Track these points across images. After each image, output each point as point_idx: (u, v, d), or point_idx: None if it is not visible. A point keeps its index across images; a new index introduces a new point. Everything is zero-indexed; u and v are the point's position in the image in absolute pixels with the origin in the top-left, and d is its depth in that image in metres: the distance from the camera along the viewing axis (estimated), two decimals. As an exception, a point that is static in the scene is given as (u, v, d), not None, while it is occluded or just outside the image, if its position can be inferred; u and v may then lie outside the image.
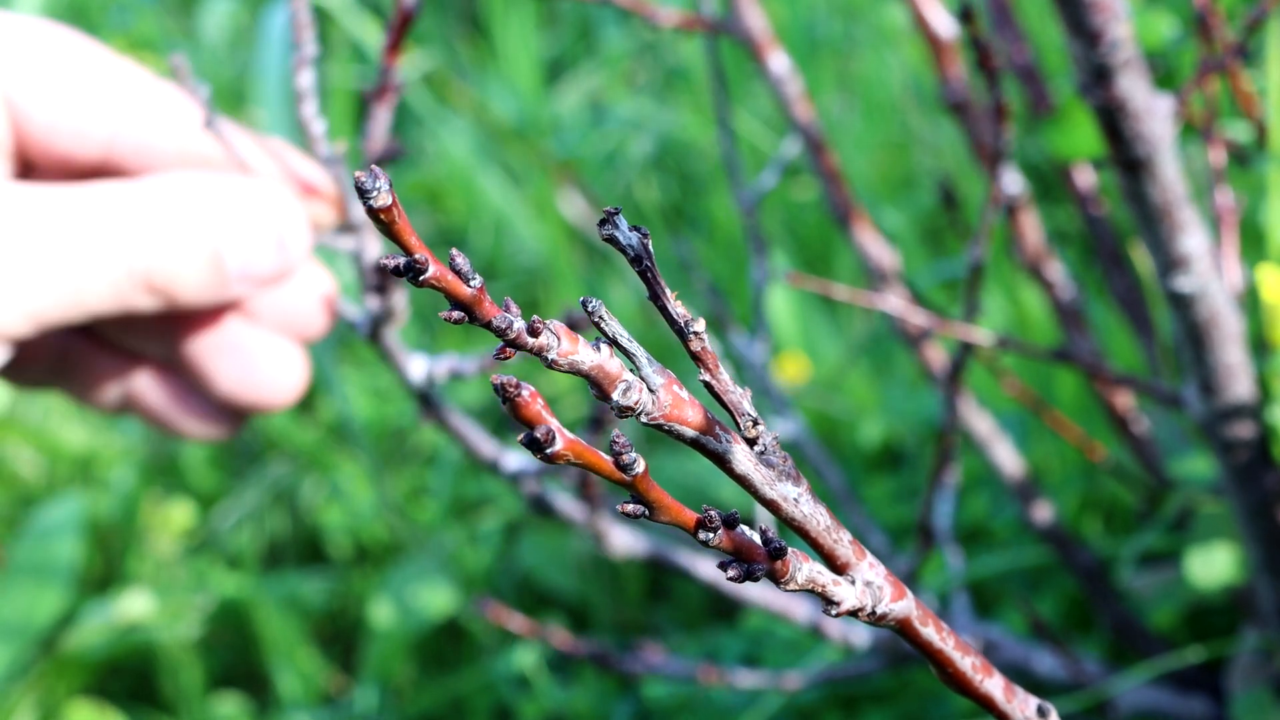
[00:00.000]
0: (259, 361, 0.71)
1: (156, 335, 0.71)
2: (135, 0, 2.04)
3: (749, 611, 1.16)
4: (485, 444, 0.77)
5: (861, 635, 0.95)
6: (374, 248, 0.69)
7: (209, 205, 0.66)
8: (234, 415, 0.74)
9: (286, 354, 0.71)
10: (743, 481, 0.41)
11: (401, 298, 0.69)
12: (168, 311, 0.67)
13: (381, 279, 0.68)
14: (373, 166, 0.37)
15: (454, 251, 0.37)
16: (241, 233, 0.66)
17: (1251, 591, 0.88)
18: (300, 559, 1.45)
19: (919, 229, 1.57)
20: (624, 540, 0.84)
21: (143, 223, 0.64)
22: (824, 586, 0.42)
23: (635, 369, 0.39)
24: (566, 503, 0.81)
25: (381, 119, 0.68)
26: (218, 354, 0.71)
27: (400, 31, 0.66)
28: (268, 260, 0.67)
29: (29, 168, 0.69)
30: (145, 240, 0.64)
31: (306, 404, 1.52)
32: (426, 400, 0.74)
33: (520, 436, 0.37)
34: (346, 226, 0.69)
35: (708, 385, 0.40)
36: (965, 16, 0.76)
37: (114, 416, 0.98)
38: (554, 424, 0.38)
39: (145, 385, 0.73)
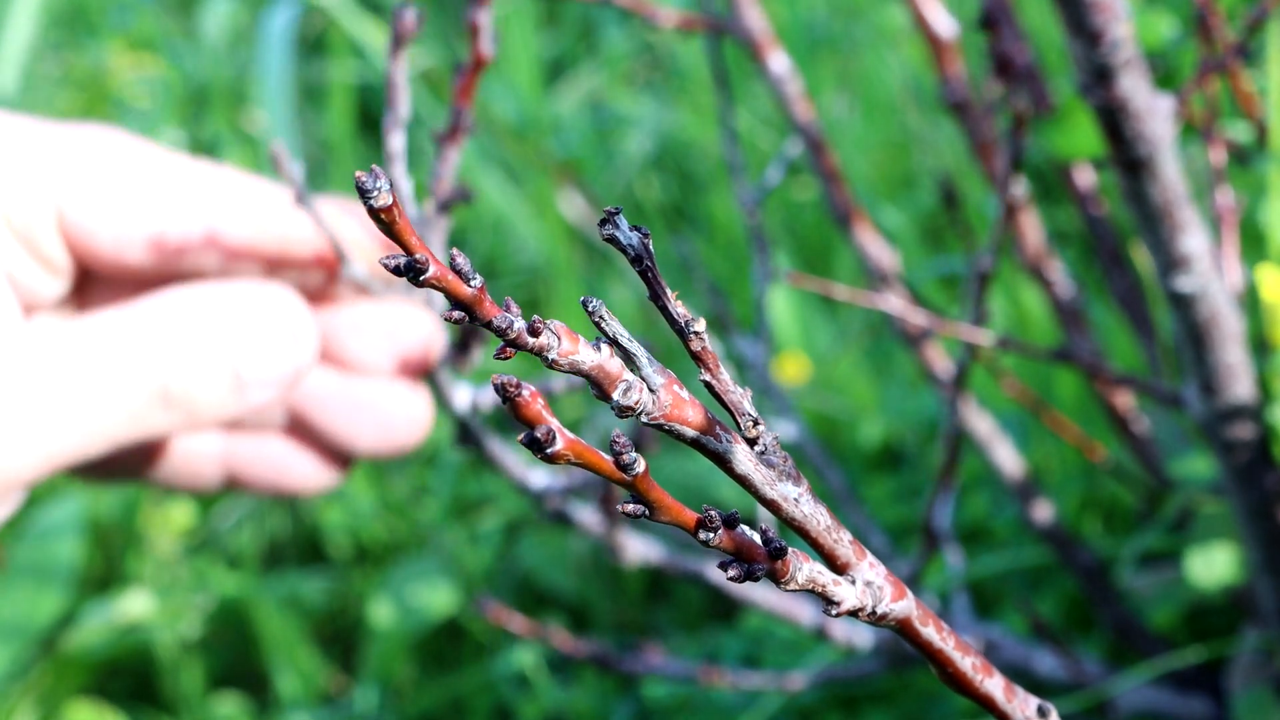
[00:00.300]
0: (390, 410, 0.71)
1: (278, 409, 0.71)
2: (135, 0, 2.04)
3: (749, 612, 1.16)
4: (515, 464, 0.77)
5: (865, 637, 0.95)
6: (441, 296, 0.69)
7: (217, 317, 0.65)
8: (347, 460, 0.74)
9: (410, 395, 0.71)
10: (743, 481, 0.41)
11: (477, 351, 0.70)
12: (187, 429, 0.66)
13: (466, 339, 0.69)
14: (374, 166, 0.37)
15: (454, 251, 0.37)
16: (253, 339, 0.65)
17: (1251, 591, 0.88)
18: (300, 559, 1.45)
19: (919, 229, 1.57)
20: (639, 550, 0.86)
21: (155, 346, 0.63)
22: (824, 586, 0.42)
23: (636, 369, 0.39)
24: (587, 515, 0.82)
25: (451, 159, 0.67)
26: (349, 414, 0.71)
27: (473, 76, 0.65)
28: (284, 363, 0.66)
29: (91, 277, 0.68)
30: (160, 363, 0.63)
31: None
32: (465, 428, 0.74)
33: (521, 436, 0.37)
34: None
35: (708, 385, 0.40)
36: (988, 24, 0.76)
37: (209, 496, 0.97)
38: (554, 424, 0.38)
39: (250, 457, 0.73)
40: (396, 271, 0.37)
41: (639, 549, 0.86)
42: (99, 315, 0.64)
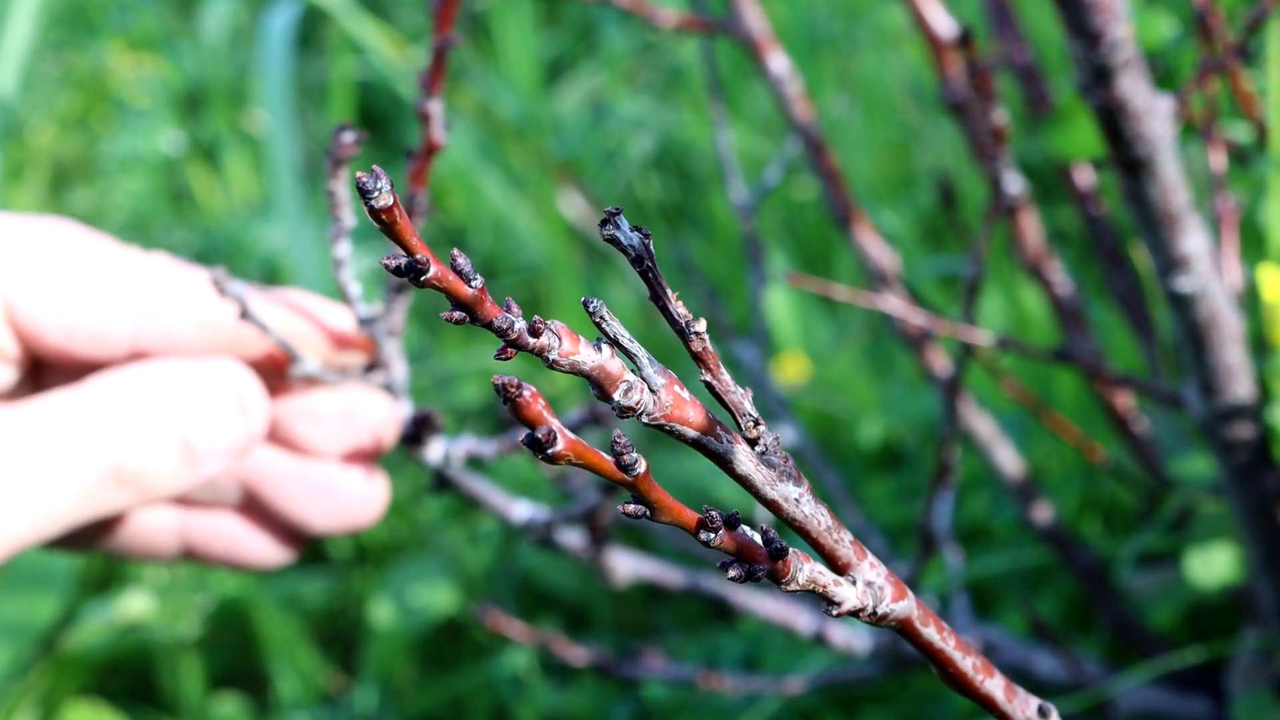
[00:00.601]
0: (344, 491, 0.71)
1: (233, 487, 0.71)
2: (135, 0, 2.04)
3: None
4: (496, 498, 0.78)
5: (863, 641, 0.95)
6: (401, 371, 0.69)
7: (164, 391, 0.65)
8: (302, 539, 0.74)
9: (364, 477, 0.72)
10: (744, 482, 0.41)
11: (434, 444, 0.71)
12: (142, 504, 0.66)
13: (418, 430, 0.70)
14: (374, 166, 0.37)
15: (455, 251, 0.37)
16: (201, 410, 0.66)
17: (1251, 591, 0.88)
18: (300, 559, 1.45)
19: (919, 229, 1.57)
20: (629, 567, 0.86)
21: (102, 424, 0.63)
22: (825, 587, 0.42)
23: (636, 369, 0.39)
24: (572, 538, 0.82)
25: None
26: (302, 496, 0.71)
27: (425, 161, 0.66)
28: (234, 433, 0.66)
29: (41, 368, 0.68)
30: (108, 441, 0.63)
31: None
32: (441, 477, 0.74)
33: (521, 437, 0.37)
34: (375, 364, 0.69)
35: (709, 385, 0.40)
36: (964, 41, 0.76)
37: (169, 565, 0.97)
38: (555, 424, 0.38)
39: (207, 531, 0.73)
40: (398, 272, 0.37)
41: (629, 566, 0.86)
42: (45, 398, 0.64)
